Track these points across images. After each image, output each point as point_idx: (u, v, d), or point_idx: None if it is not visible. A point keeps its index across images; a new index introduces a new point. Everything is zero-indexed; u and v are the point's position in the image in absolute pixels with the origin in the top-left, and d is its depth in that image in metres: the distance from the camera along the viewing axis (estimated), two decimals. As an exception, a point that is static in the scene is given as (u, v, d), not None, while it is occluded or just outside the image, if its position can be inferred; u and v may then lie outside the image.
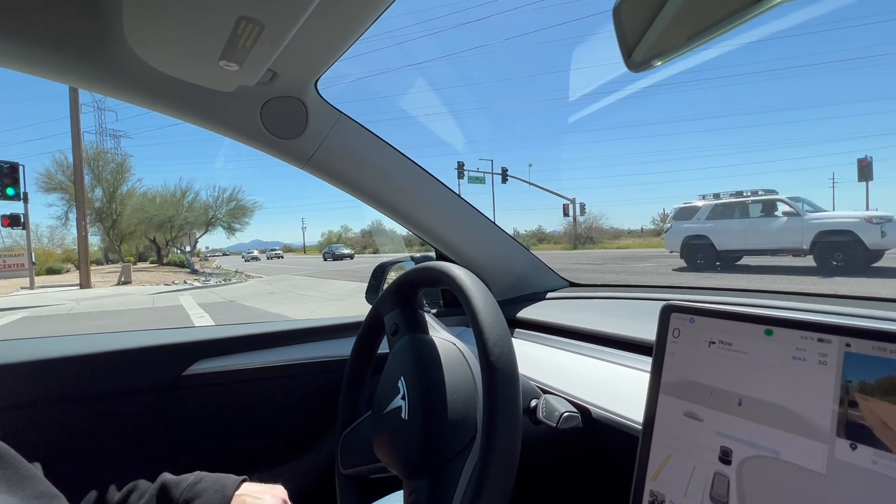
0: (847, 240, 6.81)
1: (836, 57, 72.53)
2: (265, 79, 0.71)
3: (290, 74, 0.72)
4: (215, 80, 0.67)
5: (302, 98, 0.78)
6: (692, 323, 0.49)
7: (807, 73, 75.06)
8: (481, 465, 0.44)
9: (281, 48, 0.55)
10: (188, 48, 0.58)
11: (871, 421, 0.35)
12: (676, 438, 0.48)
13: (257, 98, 0.77)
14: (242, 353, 0.93)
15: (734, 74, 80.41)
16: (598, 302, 1.02)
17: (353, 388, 0.76)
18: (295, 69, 0.71)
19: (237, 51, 0.55)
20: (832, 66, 71.72)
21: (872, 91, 67.32)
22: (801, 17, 54.44)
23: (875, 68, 68.46)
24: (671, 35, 0.29)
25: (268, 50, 0.55)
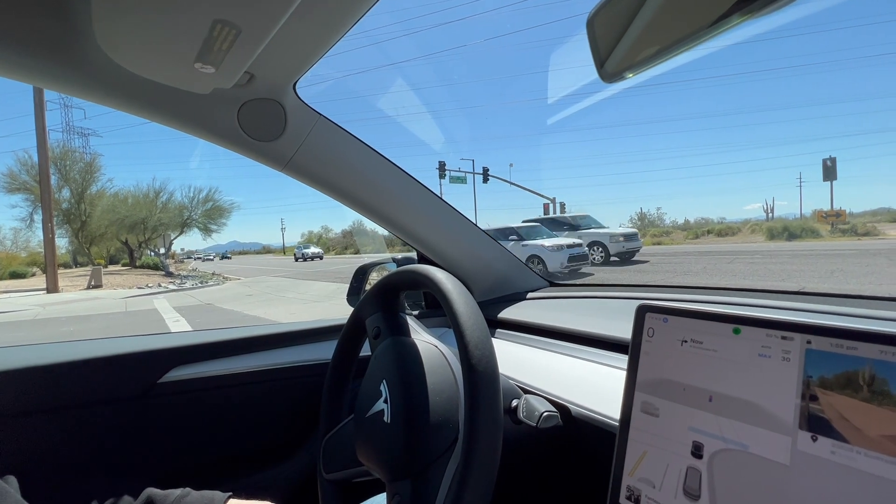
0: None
1: (803, 61, 75.58)
2: (242, 81, 0.70)
3: (268, 76, 0.71)
4: (190, 83, 0.66)
5: (280, 100, 0.78)
6: (666, 322, 0.51)
7: (775, 76, 77.93)
8: (463, 466, 0.44)
9: (259, 51, 0.54)
10: (162, 50, 0.56)
11: (830, 413, 0.37)
12: (651, 434, 0.49)
13: (234, 100, 0.76)
14: (221, 358, 0.91)
15: (707, 77, 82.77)
16: (577, 301, 1.04)
17: (335, 392, 0.75)
18: (273, 71, 0.70)
19: (213, 53, 0.54)
20: (799, 69, 74.66)
21: (836, 94, 70.33)
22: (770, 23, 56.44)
23: (838, 72, 71.56)
24: (642, 48, 0.30)
25: (245, 52, 0.54)
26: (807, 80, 74.87)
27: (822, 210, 20.53)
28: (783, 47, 79.48)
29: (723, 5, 0.25)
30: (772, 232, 18.88)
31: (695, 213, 64.22)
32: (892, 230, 16.61)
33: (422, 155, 73.64)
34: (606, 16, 0.32)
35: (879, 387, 0.35)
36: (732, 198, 65.87)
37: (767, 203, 39.96)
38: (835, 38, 75.61)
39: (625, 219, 46.88)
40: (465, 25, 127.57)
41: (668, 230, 26.69)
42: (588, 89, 63.56)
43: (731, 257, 11.64)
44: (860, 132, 58.62)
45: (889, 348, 0.36)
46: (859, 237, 15.87)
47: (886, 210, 23.42)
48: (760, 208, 37.05)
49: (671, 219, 31.48)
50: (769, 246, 15.74)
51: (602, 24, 0.33)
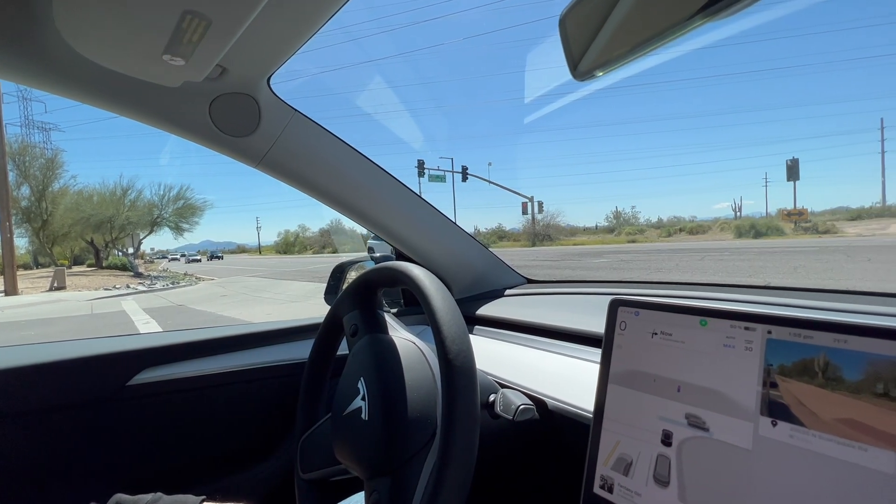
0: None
1: (769, 65, 78.77)
2: (214, 74, 0.69)
3: (240, 70, 0.70)
4: (159, 75, 0.64)
5: (254, 95, 0.76)
6: (637, 316, 0.52)
7: (743, 80, 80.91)
8: (440, 460, 0.44)
9: (230, 44, 0.53)
10: (128, 41, 0.54)
11: (789, 399, 0.39)
12: (624, 424, 0.51)
13: (206, 94, 0.74)
14: (193, 359, 0.89)
15: (679, 80, 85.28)
16: (553, 298, 1.06)
17: (312, 391, 0.74)
18: (246, 65, 0.69)
19: (183, 45, 0.53)
20: (765, 73, 77.81)
21: (800, 97, 73.58)
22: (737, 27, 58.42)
23: (802, 77, 74.90)
24: (613, 47, 0.31)
25: (216, 45, 0.53)
26: (772, 84, 78.08)
27: (786, 209, 21.43)
28: (750, 52, 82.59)
29: (690, 6, 0.26)
30: (740, 230, 19.60)
31: (668, 211, 66.24)
32: (849, 228, 17.48)
33: (401, 153, 73.27)
34: (578, 15, 0.33)
35: (833, 373, 0.37)
36: (703, 197, 68.15)
37: (736, 202, 41.51)
38: (799, 45, 79.09)
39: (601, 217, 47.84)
40: (443, 24, 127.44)
41: (643, 228, 27.36)
42: (564, 90, 64.56)
43: (702, 255, 12.03)
44: (821, 134, 61.55)
45: (842, 336, 0.38)
46: (820, 235, 16.64)
47: (845, 209, 24.66)
48: (729, 207, 38.49)
49: (645, 217, 32.35)
50: (737, 243, 16.34)
51: (574, 23, 0.33)
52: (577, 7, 0.33)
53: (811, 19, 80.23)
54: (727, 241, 17.63)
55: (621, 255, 13.63)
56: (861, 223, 18.68)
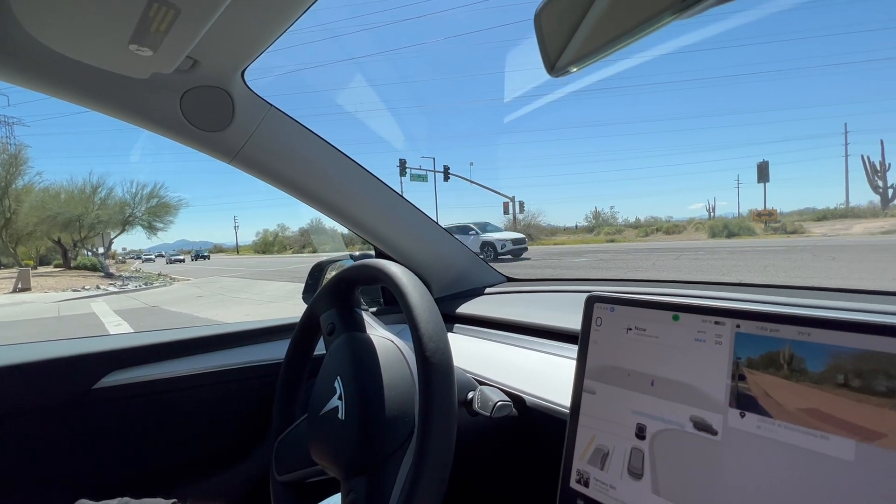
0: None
1: (742, 70, 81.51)
2: (184, 66, 0.67)
3: (213, 63, 0.68)
4: (126, 66, 0.61)
5: (227, 88, 0.74)
6: (612, 312, 0.53)
7: (716, 84, 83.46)
8: (416, 458, 0.44)
9: (201, 34, 0.52)
10: (92, 30, 0.52)
11: (756, 391, 0.40)
12: (599, 419, 0.51)
13: (176, 87, 0.72)
14: (164, 361, 0.86)
15: (656, 83, 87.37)
16: (533, 295, 1.06)
17: (289, 391, 0.73)
18: (218, 57, 0.67)
19: (150, 35, 0.51)
20: (739, 78, 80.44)
21: (771, 102, 76.36)
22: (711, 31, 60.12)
23: (772, 82, 77.74)
24: (586, 43, 0.31)
25: (186, 36, 0.51)
26: (743, 89, 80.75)
27: (757, 209, 22.18)
28: (722, 57, 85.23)
29: (661, 3, 0.26)
30: (713, 230, 20.18)
31: (645, 211, 67.75)
32: (815, 228, 18.20)
33: (382, 152, 72.73)
34: (553, 11, 0.33)
35: (797, 364, 0.39)
36: (679, 197, 69.99)
37: (710, 203, 42.76)
38: (768, 51, 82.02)
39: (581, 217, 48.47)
40: (425, 23, 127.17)
41: (621, 228, 27.90)
42: (544, 90, 65.22)
43: (678, 254, 12.34)
44: (790, 138, 64.00)
45: (805, 329, 0.39)
46: (788, 235, 17.28)
47: (811, 210, 25.69)
48: (703, 207, 39.59)
49: (623, 217, 32.98)
50: (711, 243, 16.81)
51: (549, 18, 0.33)
52: (552, 3, 0.33)
53: (780, 27, 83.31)
54: (702, 241, 18.13)
55: (600, 254, 13.87)
56: (826, 223, 19.49)
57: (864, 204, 24.77)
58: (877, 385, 0.34)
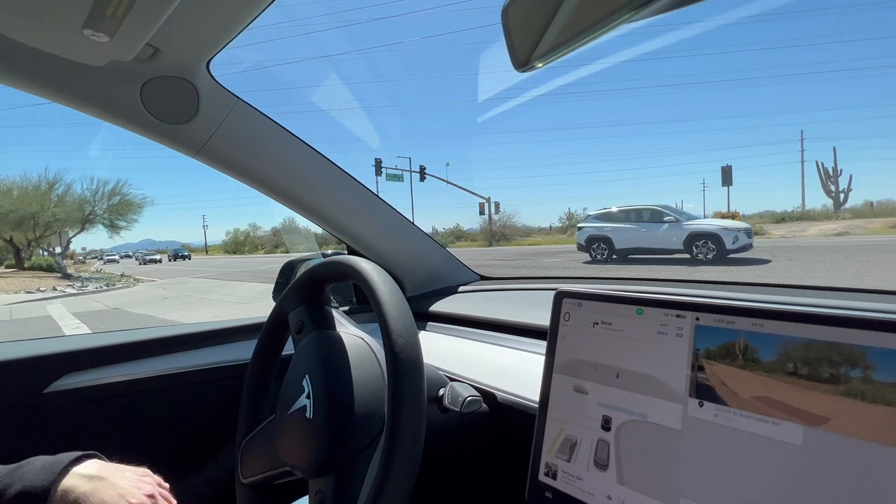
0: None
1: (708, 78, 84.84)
2: (145, 55, 0.64)
3: (175, 52, 0.65)
4: (81, 53, 0.58)
5: (191, 80, 0.71)
6: (580, 307, 0.54)
7: (685, 90, 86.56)
8: (385, 454, 0.44)
9: (161, 21, 0.50)
10: (43, 13, 0.49)
11: (714, 381, 0.42)
12: (567, 412, 0.52)
13: (137, 76, 0.69)
14: (124, 363, 0.83)
15: (628, 88, 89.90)
16: (505, 293, 1.07)
17: (256, 392, 0.71)
18: (181, 47, 0.64)
19: (106, 19, 0.49)
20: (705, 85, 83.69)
21: (735, 108, 79.80)
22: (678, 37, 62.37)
23: (736, 90, 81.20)
24: (552, 38, 0.32)
25: (145, 21, 0.49)
26: (710, 96, 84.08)
27: (721, 212, 23.11)
28: (691, 64, 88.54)
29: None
30: (681, 231, 20.85)
31: (617, 213, 69.63)
32: (774, 230, 19.11)
33: (358, 152, 71.88)
34: (520, 6, 0.34)
35: (751, 355, 0.40)
36: (648, 199, 72.05)
37: (678, 205, 44.24)
38: (734, 60, 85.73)
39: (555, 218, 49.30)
40: (401, 22, 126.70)
41: (594, 229, 28.49)
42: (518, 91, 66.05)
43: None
44: (751, 144, 67.02)
45: (759, 321, 0.41)
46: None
47: (771, 213, 26.99)
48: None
49: (596, 219, 33.71)
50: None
51: (515, 14, 0.34)
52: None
53: (743, 37, 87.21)
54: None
55: (573, 254, 14.13)
56: (784, 226, 20.50)
57: (818, 207, 26.20)
58: (822, 372, 0.36)
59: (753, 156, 60.34)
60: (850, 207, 24.67)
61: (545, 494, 0.52)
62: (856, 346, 0.35)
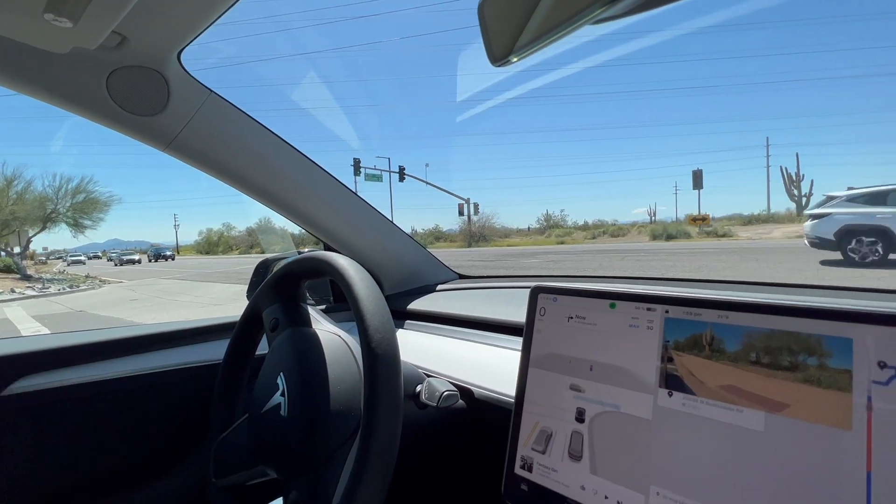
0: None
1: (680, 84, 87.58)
2: (111, 43, 0.62)
3: (143, 41, 0.63)
4: (43, 39, 0.56)
5: (161, 70, 0.69)
6: (555, 302, 0.55)
7: (659, 96, 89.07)
8: (360, 451, 0.43)
9: (128, 8, 0.48)
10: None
11: (682, 371, 0.43)
12: (542, 406, 0.53)
13: (102, 65, 0.66)
14: (87, 364, 0.79)
15: (604, 93, 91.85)
16: (483, 291, 1.08)
17: (228, 392, 0.70)
18: (150, 36, 0.62)
19: (69, 4, 0.47)
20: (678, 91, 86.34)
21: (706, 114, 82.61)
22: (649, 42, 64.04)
23: (706, 96, 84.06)
24: (527, 33, 0.32)
25: (111, 8, 0.48)
26: (682, 102, 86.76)
27: (692, 214, 23.87)
28: (664, 71, 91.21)
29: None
30: (654, 233, 21.50)
31: (593, 215, 71.07)
32: (742, 232, 19.87)
33: (337, 151, 70.98)
34: (496, 1, 0.34)
35: (717, 345, 0.42)
36: (624, 202, 73.90)
37: (651, 207, 45.50)
38: (705, 67, 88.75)
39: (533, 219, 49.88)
40: (381, 21, 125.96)
41: (570, 231, 29.01)
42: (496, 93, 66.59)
43: (623, 255, 13.01)
44: (721, 149, 69.55)
45: (724, 312, 0.42)
46: (719, 238, 18.73)
47: (739, 215, 28.04)
48: (646, 212, 42.11)
49: (573, 220, 34.34)
50: (652, 245, 17.88)
51: (491, 9, 0.34)
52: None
53: (714, 46, 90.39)
54: (644, 243, 19.24)
55: (551, 255, 14.34)
56: (751, 228, 21.35)
57: (783, 210, 27.40)
58: (782, 360, 0.38)
59: (723, 160, 62.60)
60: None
61: (521, 487, 0.52)
62: (812, 334, 0.37)
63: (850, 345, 0.35)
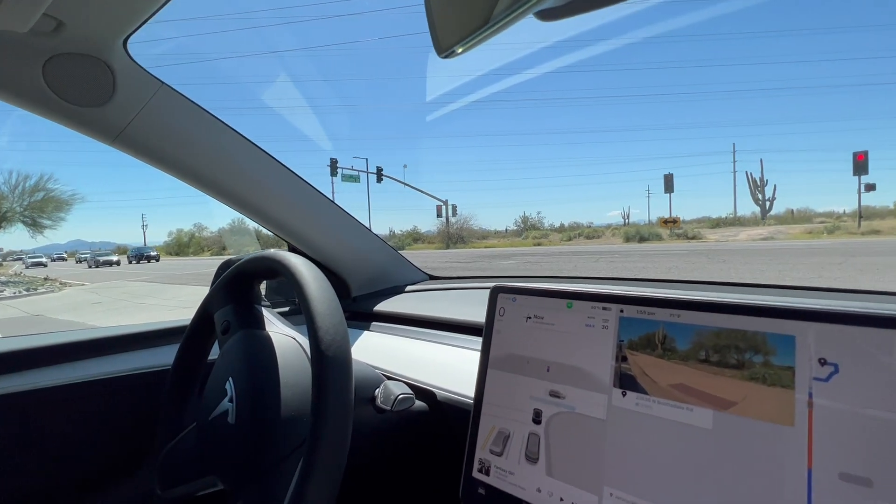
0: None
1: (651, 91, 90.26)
2: (46, 27, 0.58)
3: (83, 26, 0.59)
4: None
5: (105, 59, 0.65)
6: (514, 302, 0.54)
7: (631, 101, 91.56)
8: (306, 458, 0.41)
9: None
10: None
11: (636, 370, 0.43)
12: (501, 407, 0.52)
13: (38, 52, 0.62)
14: (26, 371, 0.74)
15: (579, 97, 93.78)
16: (452, 292, 1.07)
17: (177, 399, 0.66)
18: (90, 21, 0.59)
19: (-10, -18, 0.43)
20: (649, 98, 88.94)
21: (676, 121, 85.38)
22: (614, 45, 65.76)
23: (676, 104, 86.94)
24: (468, 23, 0.31)
25: (38, -13, 0.44)
26: (654, 108, 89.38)
27: (664, 217, 24.57)
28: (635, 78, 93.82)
29: None
30: (627, 235, 22.03)
31: (569, 217, 72.29)
32: (710, 235, 20.58)
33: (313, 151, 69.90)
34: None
35: (669, 344, 0.42)
36: (598, 205, 75.58)
37: (625, 210, 46.67)
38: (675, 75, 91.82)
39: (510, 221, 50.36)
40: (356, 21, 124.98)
41: (547, 233, 29.43)
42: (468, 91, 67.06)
43: (597, 257, 13.26)
44: (691, 154, 72.03)
45: (676, 311, 0.42)
46: (689, 240, 19.35)
47: (707, 218, 29.05)
48: (620, 215, 43.15)
49: (549, 222, 34.86)
50: (625, 247, 18.31)
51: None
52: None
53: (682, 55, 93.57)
54: (618, 245, 19.68)
55: (528, 257, 14.49)
56: (719, 230, 22.13)
57: (748, 214, 28.53)
58: (729, 358, 0.38)
59: (693, 165, 64.72)
60: (774, 214, 27.09)
61: (478, 491, 0.51)
62: (758, 332, 0.37)
63: (792, 342, 0.36)
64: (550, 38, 9.44)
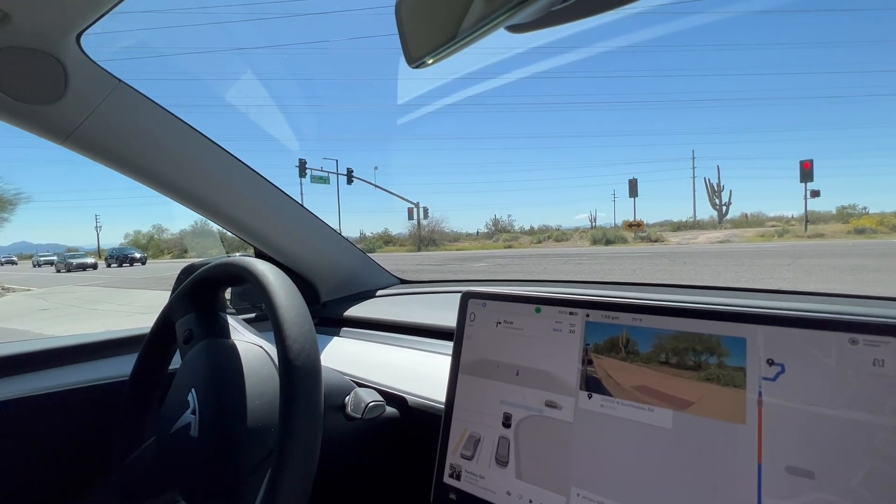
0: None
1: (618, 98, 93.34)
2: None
3: (31, 19, 0.56)
4: None
5: (56, 54, 0.62)
6: (484, 307, 0.55)
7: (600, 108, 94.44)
8: (275, 468, 0.41)
9: None
10: None
11: (601, 373, 0.45)
12: (471, 412, 0.53)
13: None
14: None
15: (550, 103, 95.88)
16: (423, 296, 1.07)
17: (135, 411, 0.63)
18: (39, 14, 0.55)
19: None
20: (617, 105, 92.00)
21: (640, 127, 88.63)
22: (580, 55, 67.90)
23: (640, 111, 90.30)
24: (438, 35, 0.32)
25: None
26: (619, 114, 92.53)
27: (629, 221, 25.43)
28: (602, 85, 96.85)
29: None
30: (594, 238, 22.68)
31: (538, 220, 73.70)
32: (672, 237, 21.46)
33: (280, 152, 68.16)
34: (411, 1, 0.33)
35: (632, 347, 0.44)
36: (566, 208, 77.47)
37: (592, 214, 47.94)
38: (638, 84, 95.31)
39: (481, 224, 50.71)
40: (327, 20, 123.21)
41: (517, 235, 29.86)
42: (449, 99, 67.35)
43: (565, 259, 13.57)
44: (654, 159, 74.99)
45: (639, 315, 0.44)
46: (652, 242, 20.10)
47: (669, 222, 30.30)
48: (587, 218, 44.34)
49: (519, 225, 35.42)
50: (592, 249, 18.83)
51: (407, 9, 0.33)
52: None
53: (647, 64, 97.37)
54: (585, 248, 20.20)
55: (498, 259, 14.65)
56: (680, 234, 23.13)
57: (706, 218, 29.96)
58: (688, 360, 0.40)
59: (656, 170, 67.35)
60: (730, 218, 28.55)
61: (449, 496, 0.51)
62: (713, 335, 0.39)
63: (744, 344, 0.38)
64: (526, 44, 9.72)
